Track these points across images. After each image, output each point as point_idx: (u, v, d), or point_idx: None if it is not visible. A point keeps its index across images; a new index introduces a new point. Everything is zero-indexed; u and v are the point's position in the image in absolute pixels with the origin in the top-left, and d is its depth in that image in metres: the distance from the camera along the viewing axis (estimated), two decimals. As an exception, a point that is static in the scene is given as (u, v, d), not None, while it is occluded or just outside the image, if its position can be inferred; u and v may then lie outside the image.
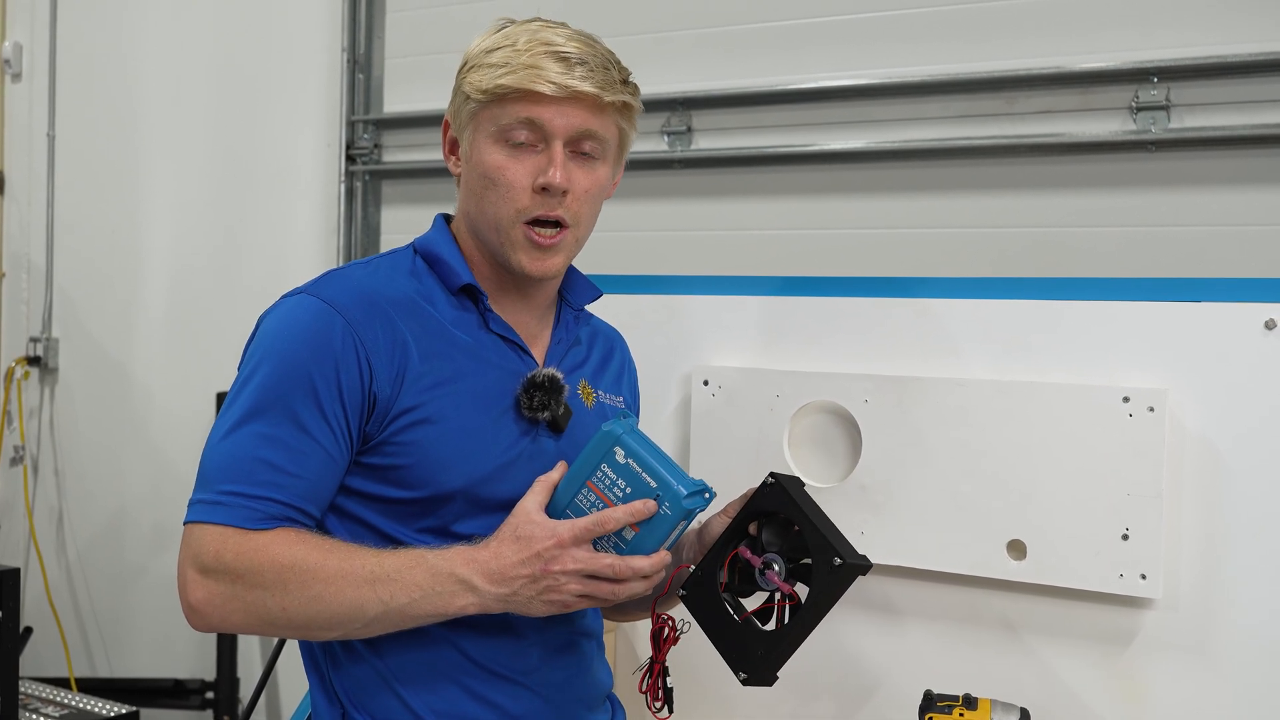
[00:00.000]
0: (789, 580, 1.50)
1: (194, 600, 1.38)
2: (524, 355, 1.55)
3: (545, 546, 1.36)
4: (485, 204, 1.51)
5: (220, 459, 1.40)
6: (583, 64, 1.46)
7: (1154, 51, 2.58)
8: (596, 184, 1.52)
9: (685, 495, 1.37)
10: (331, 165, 3.58)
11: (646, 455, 1.40)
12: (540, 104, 1.45)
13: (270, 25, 3.72)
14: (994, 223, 2.78)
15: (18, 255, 4.17)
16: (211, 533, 1.37)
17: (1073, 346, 1.79)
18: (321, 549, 1.37)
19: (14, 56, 4.14)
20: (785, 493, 1.52)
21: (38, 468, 4.12)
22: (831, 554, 1.45)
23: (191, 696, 3.69)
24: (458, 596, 1.37)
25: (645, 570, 1.38)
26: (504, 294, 1.57)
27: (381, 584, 1.36)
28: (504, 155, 1.48)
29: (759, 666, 1.47)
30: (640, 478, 1.39)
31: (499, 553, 1.37)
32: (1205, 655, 1.70)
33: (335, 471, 1.43)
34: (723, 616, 1.51)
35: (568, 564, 1.36)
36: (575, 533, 1.37)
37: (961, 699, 1.61)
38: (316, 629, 1.39)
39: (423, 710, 1.47)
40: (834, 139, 2.93)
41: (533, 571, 1.36)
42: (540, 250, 1.50)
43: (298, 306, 1.46)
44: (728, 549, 1.54)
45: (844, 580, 1.45)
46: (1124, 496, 1.70)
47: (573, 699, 1.57)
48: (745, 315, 2.04)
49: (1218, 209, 2.56)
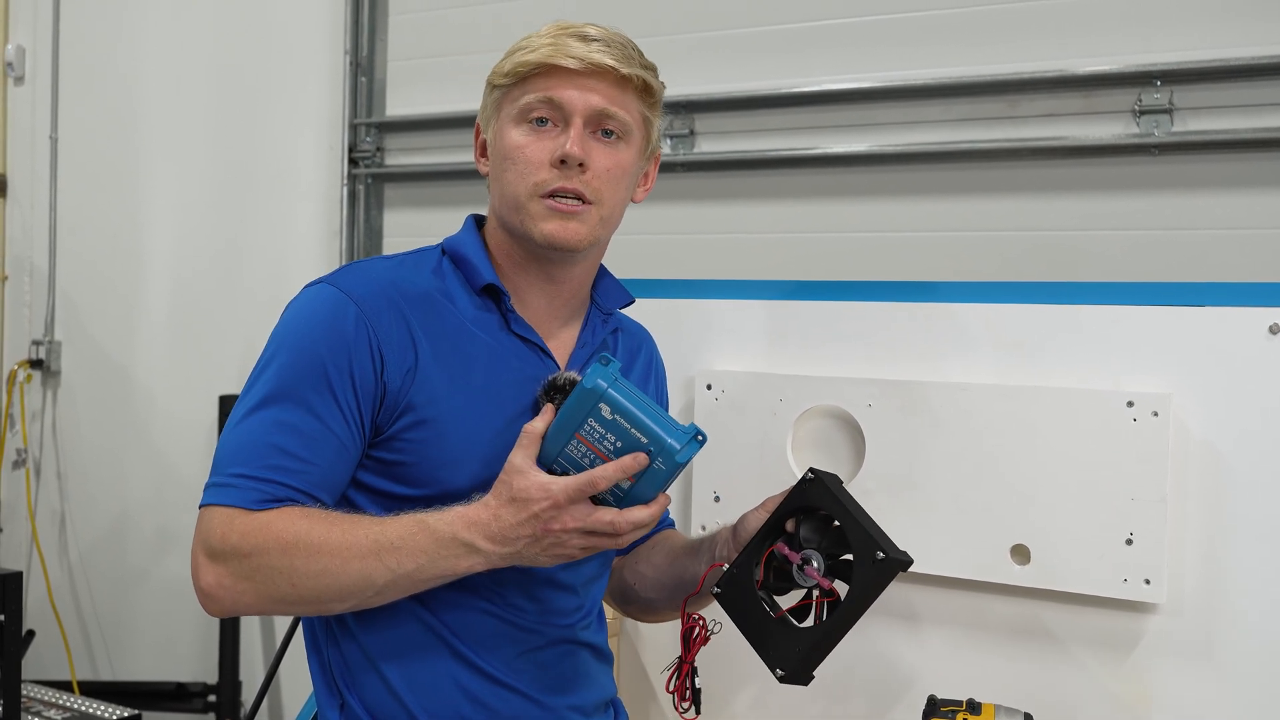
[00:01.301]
0: (827, 577, 1.49)
1: (204, 585, 1.38)
2: (545, 357, 1.54)
3: (542, 508, 1.35)
4: (505, 184, 1.51)
5: (233, 443, 1.41)
6: (600, 41, 1.48)
7: (1157, 55, 2.58)
8: (618, 165, 1.51)
9: (679, 449, 1.35)
10: (334, 168, 3.58)
11: (633, 409, 1.36)
12: (560, 81, 1.47)
13: (272, 28, 3.73)
14: (997, 226, 2.78)
15: (20, 258, 4.17)
16: (219, 515, 1.37)
17: (1077, 351, 1.79)
18: (325, 521, 1.37)
19: (16, 59, 4.15)
20: (825, 487, 1.51)
21: (40, 471, 4.12)
22: (875, 547, 1.44)
23: (194, 700, 3.69)
24: (462, 559, 1.37)
25: (644, 521, 1.37)
26: (529, 292, 1.56)
27: (387, 553, 1.36)
28: (524, 135, 1.49)
29: (797, 663, 1.46)
30: (630, 433, 1.36)
31: (498, 515, 1.36)
32: (1209, 659, 1.70)
33: (348, 459, 1.43)
34: (759, 613, 1.50)
35: (567, 523, 1.35)
36: (569, 493, 1.35)
37: (965, 704, 1.60)
38: (327, 602, 1.39)
39: (414, 706, 1.47)
40: (837, 142, 2.93)
41: (534, 531, 1.35)
42: (561, 216, 1.48)
43: (316, 296, 1.47)
44: (765, 546, 1.54)
45: (887, 574, 1.44)
46: (1128, 501, 1.70)
47: (566, 705, 1.56)
48: (748, 319, 2.03)
49: (1222, 213, 2.56)
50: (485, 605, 1.50)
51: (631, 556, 1.77)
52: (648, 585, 1.73)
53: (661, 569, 1.72)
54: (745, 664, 1.50)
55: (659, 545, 1.76)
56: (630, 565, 1.76)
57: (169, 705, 3.70)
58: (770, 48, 3.00)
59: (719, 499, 1.98)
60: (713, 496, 1.99)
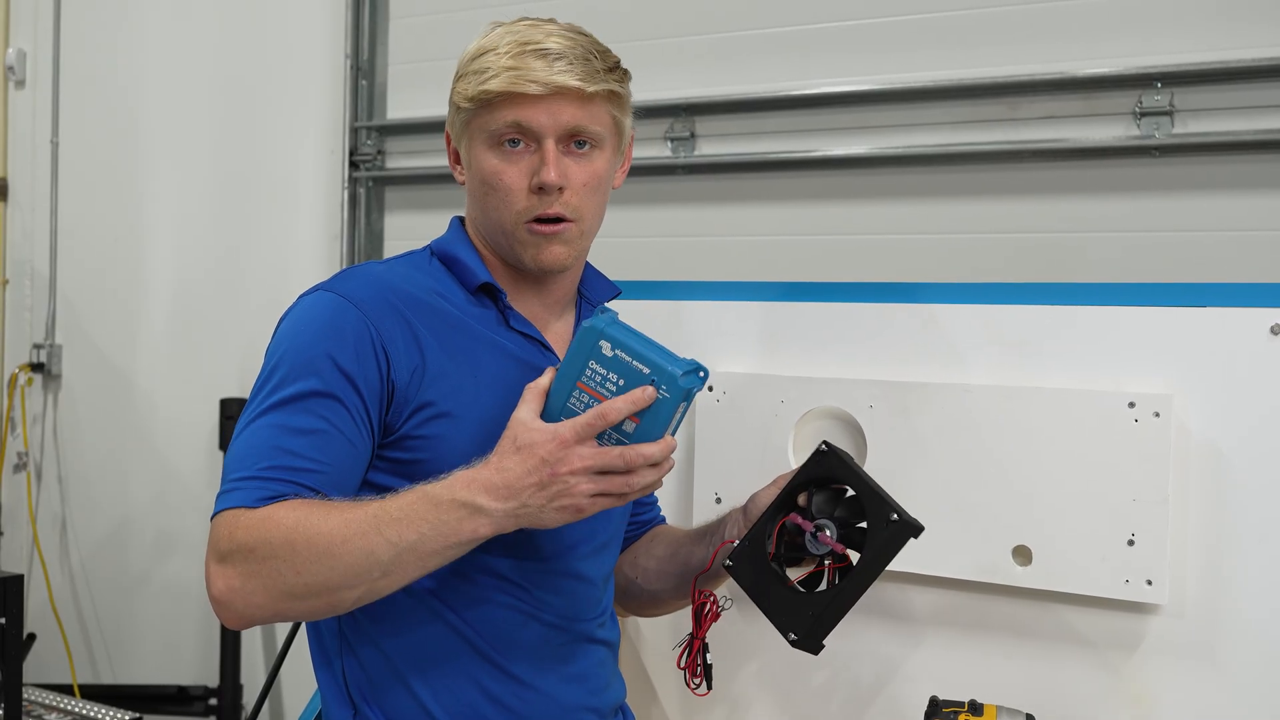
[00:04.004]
0: (840, 543, 1.50)
1: (216, 593, 1.35)
2: (545, 350, 1.55)
3: (549, 450, 1.31)
4: (488, 209, 1.52)
5: (238, 452, 1.40)
6: (562, 58, 1.45)
7: (1157, 57, 2.58)
8: (594, 176, 1.51)
9: (681, 375, 1.33)
10: (334, 171, 3.59)
11: (634, 343, 1.35)
12: (526, 105, 1.46)
13: (273, 32, 3.73)
14: (998, 228, 2.78)
15: (21, 262, 4.18)
16: (225, 518, 1.36)
17: (1078, 352, 1.78)
18: (323, 507, 1.34)
19: (18, 63, 4.15)
20: (840, 458, 1.53)
21: (41, 474, 4.12)
22: (889, 510, 1.46)
23: (195, 703, 3.70)
24: (465, 522, 1.32)
25: (655, 456, 1.33)
26: (521, 292, 1.57)
27: (387, 526, 1.32)
28: (498, 159, 1.49)
29: (810, 627, 1.47)
30: (632, 367, 1.34)
31: (501, 466, 1.33)
32: (1211, 661, 1.70)
33: (358, 459, 1.42)
34: (772, 583, 1.51)
35: (574, 463, 1.31)
36: (577, 430, 1.31)
37: (967, 705, 1.61)
38: (335, 589, 1.34)
39: (435, 709, 1.47)
40: (837, 144, 2.93)
41: (540, 478, 1.31)
42: (543, 239, 1.50)
43: (315, 303, 1.46)
44: (777, 518, 1.55)
45: (901, 537, 1.46)
46: (1130, 502, 1.70)
47: (583, 707, 1.56)
48: (749, 321, 2.03)
49: (1222, 214, 2.56)
50: (510, 600, 1.50)
51: (629, 552, 1.78)
52: (651, 577, 1.74)
53: (664, 559, 1.73)
54: (744, 660, 1.50)
55: (658, 538, 1.78)
56: (629, 560, 1.77)
57: (170, 709, 3.71)
58: (771, 50, 3.00)
59: (720, 500, 1.97)
60: (714, 498, 1.98)
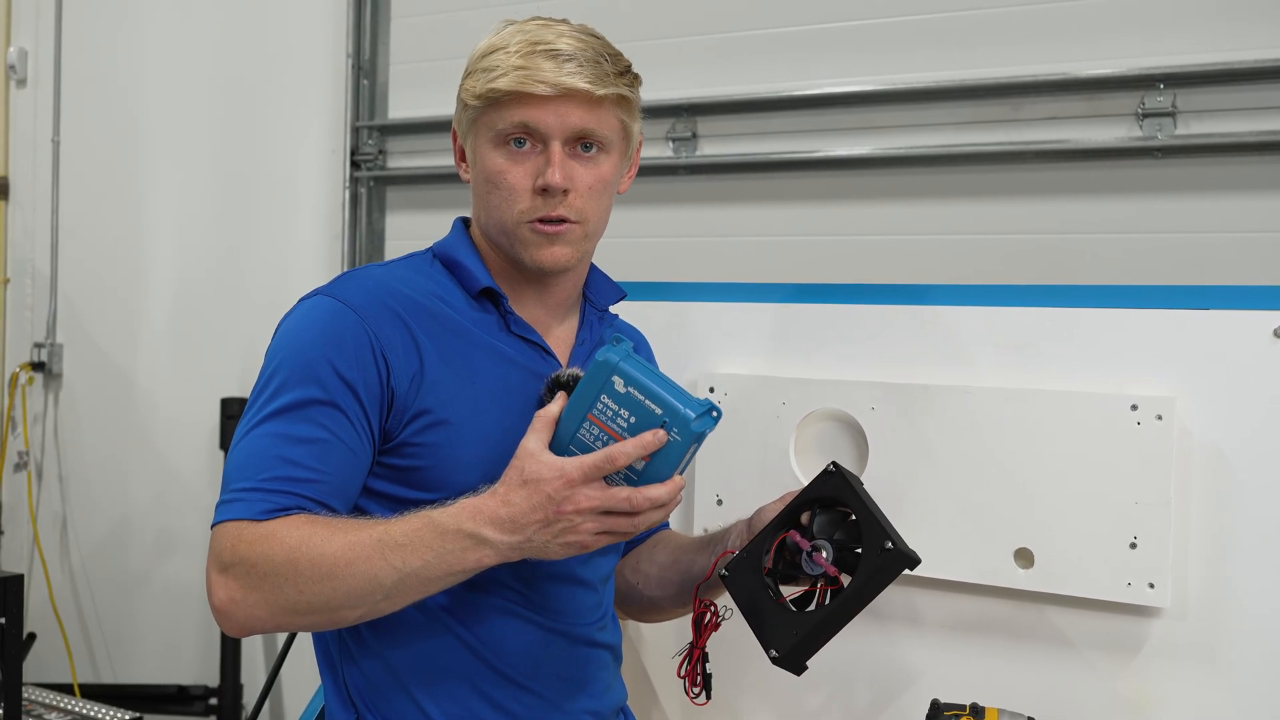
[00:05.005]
0: (834, 566, 1.50)
1: (217, 602, 1.35)
2: (546, 355, 1.55)
3: (555, 488, 1.31)
4: (491, 208, 1.51)
5: (239, 460, 1.39)
6: (572, 60, 1.44)
7: (1160, 57, 2.57)
8: (600, 179, 1.51)
9: (694, 418, 1.32)
10: (336, 171, 3.58)
11: (647, 381, 1.33)
12: (534, 105, 1.45)
13: (274, 31, 3.73)
14: (1000, 229, 2.77)
15: (22, 261, 4.17)
16: (227, 530, 1.36)
17: (1080, 354, 1.78)
18: (328, 526, 1.34)
19: (19, 62, 4.15)
20: (845, 480, 1.52)
21: (41, 473, 4.12)
22: (884, 538, 1.45)
23: (195, 703, 3.69)
24: (470, 552, 1.32)
25: (662, 499, 1.33)
26: (523, 295, 1.56)
27: (392, 551, 1.32)
28: (504, 159, 1.48)
29: (793, 646, 1.46)
30: (644, 406, 1.32)
31: (508, 499, 1.32)
32: (1214, 664, 1.69)
33: (358, 466, 1.41)
34: (762, 597, 1.51)
35: (581, 503, 1.31)
36: (585, 470, 1.31)
37: (969, 708, 1.60)
38: (337, 609, 1.34)
39: (435, 714, 1.47)
40: (839, 145, 2.92)
41: (545, 515, 1.31)
42: (546, 239, 1.49)
43: (314, 308, 1.46)
44: (777, 533, 1.54)
45: (893, 567, 1.44)
46: (1132, 505, 1.70)
47: (583, 710, 1.56)
48: (751, 322, 2.03)
49: (1225, 215, 2.55)
50: (509, 605, 1.50)
51: (631, 556, 1.77)
52: (652, 583, 1.73)
53: (667, 566, 1.72)
54: (746, 665, 1.50)
55: (661, 543, 1.77)
56: (630, 565, 1.76)
57: (170, 708, 3.70)
58: (773, 50, 3.00)
59: (721, 502, 1.97)
60: (715, 500, 1.98)
